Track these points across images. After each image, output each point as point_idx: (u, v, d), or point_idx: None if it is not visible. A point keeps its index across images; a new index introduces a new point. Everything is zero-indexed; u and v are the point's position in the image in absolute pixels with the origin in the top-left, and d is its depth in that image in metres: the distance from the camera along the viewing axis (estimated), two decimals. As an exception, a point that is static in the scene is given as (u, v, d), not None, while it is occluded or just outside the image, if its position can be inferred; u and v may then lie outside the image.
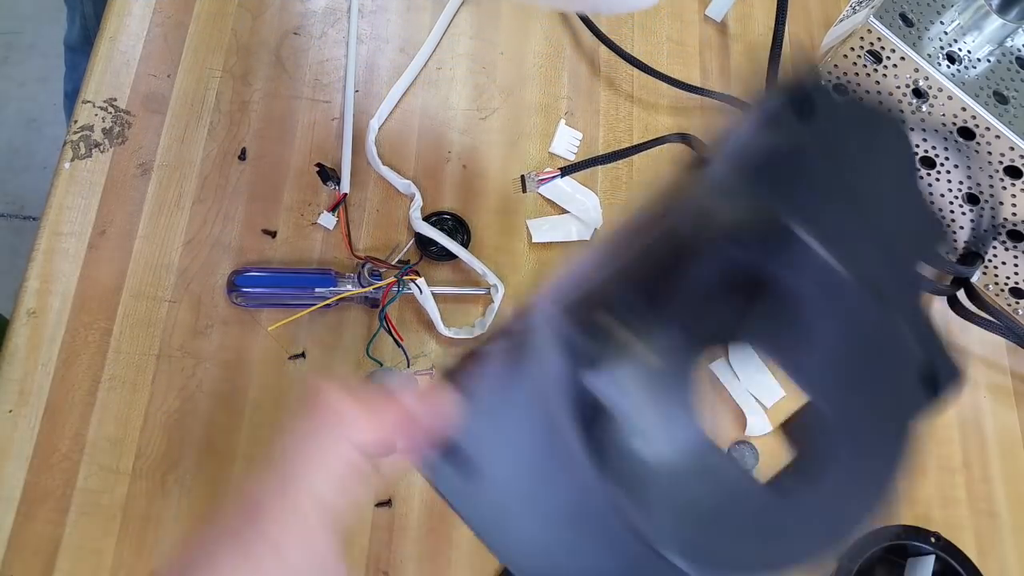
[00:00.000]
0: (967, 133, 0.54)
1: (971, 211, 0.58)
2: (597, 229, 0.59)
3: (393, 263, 0.55)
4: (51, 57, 1.48)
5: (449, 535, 0.50)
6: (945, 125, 0.55)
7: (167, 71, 0.60)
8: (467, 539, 0.50)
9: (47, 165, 1.40)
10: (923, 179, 0.60)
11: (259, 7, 0.63)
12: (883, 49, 0.54)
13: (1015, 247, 0.58)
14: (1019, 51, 0.56)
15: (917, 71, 0.54)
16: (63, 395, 0.50)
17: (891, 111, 0.47)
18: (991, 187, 0.56)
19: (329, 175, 0.57)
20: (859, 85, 0.58)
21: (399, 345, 0.53)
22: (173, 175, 0.57)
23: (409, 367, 0.53)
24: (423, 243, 0.56)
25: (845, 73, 0.58)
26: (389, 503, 0.50)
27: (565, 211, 0.60)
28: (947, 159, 0.57)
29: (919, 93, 0.55)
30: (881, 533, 0.51)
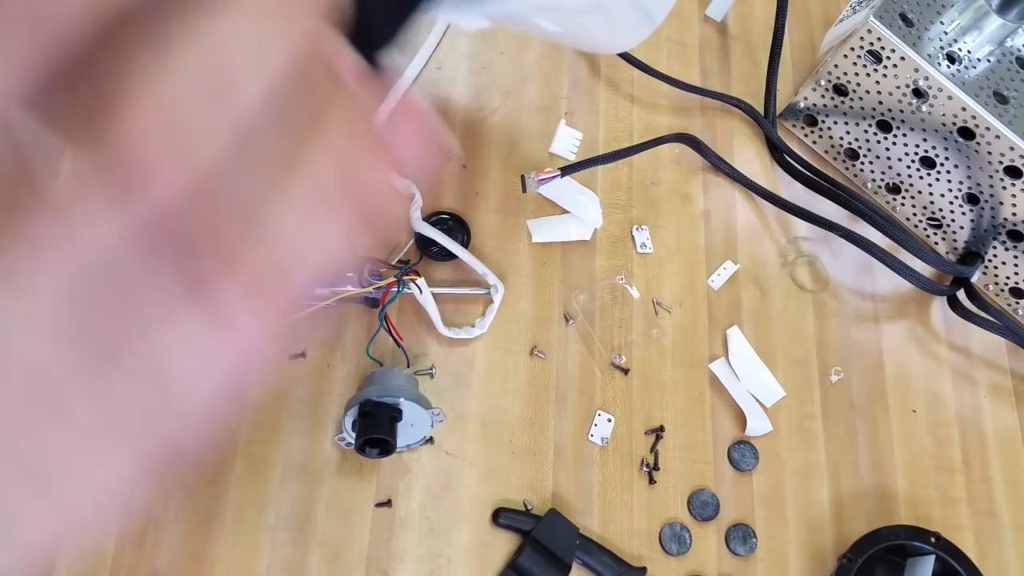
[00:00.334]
0: (967, 133, 0.54)
1: (971, 211, 0.59)
2: (597, 229, 0.59)
3: (393, 263, 0.55)
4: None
5: (449, 535, 0.50)
6: (945, 125, 0.55)
7: (167, 71, 0.60)
8: (467, 539, 0.50)
9: (47, 165, 1.40)
10: (923, 179, 0.60)
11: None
12: (883, 49, 0.54)
13: (1015, 247, 0.58)
14: (1019, 51, 0.56)
15: (917, 71, 0.54)
16: (63, 395, 0.50)
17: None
18: (991, 187, 0.56)
19: (329, 175, 0.57)
20: (859, 85, 0.58)
21: (399, 345, 0.53)
22: (173, 175, 0.57)
23: (409, 367, 0.53)
24: (423, 243, 0.56)
25: (845, 73, 0.58)
26: (389, 503, 0.50)
27: (565, 211, 0.60)
28: (947, 159, 0.57)
29: (919, 93, 0.55)
30: (881, 533, 0.51)
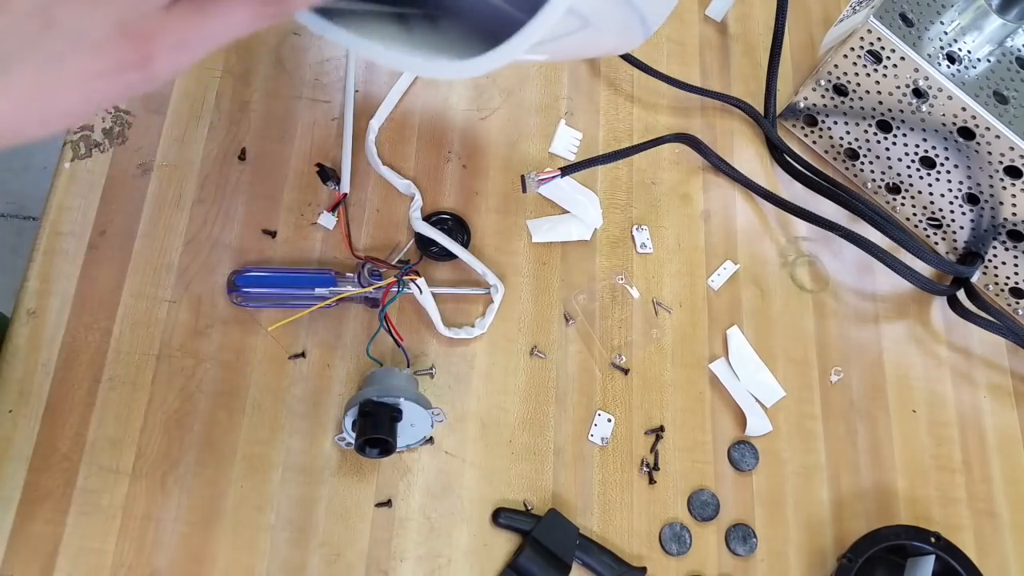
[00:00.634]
0: (967, 133, 0.54)
1: (971, 211, 0.59)
2: (597, 229, 0.59)
3: (393, 263, 0.55)
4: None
5: (449, 535, 0.50)
6: (945, 125, 0.55)
7: (167, 71, 0.60)
8: (467, 539, 0.50)
9: (47, 165, 1.40)
10: (923, 179, 0.60)
11: (259, 7, 0.63)
12: (883, 49, 0.54)
13: (1015, 247, 0.58)
14: (1019, 51, 0.56)
15: (917, 71, 0.54)
16: (63, 395, 0.50)
17: None
18: (991, 187, 0.56)
19: (329, 175, 0.57)
20: (859, 85, 0.58)
21: (399, 345, 0.53)
22: (173, 175, 0.57)
23: (409, 367, 0.53)
24: (423, 243, 0.56)
25: (845, 73, 0.58)
26: (389, 503, 0.50)
27: (565, 211, 0.60)
28: (947, 159, 0.57)
29: (919, 93, 0.55)
30: (881, 533, 0.51)
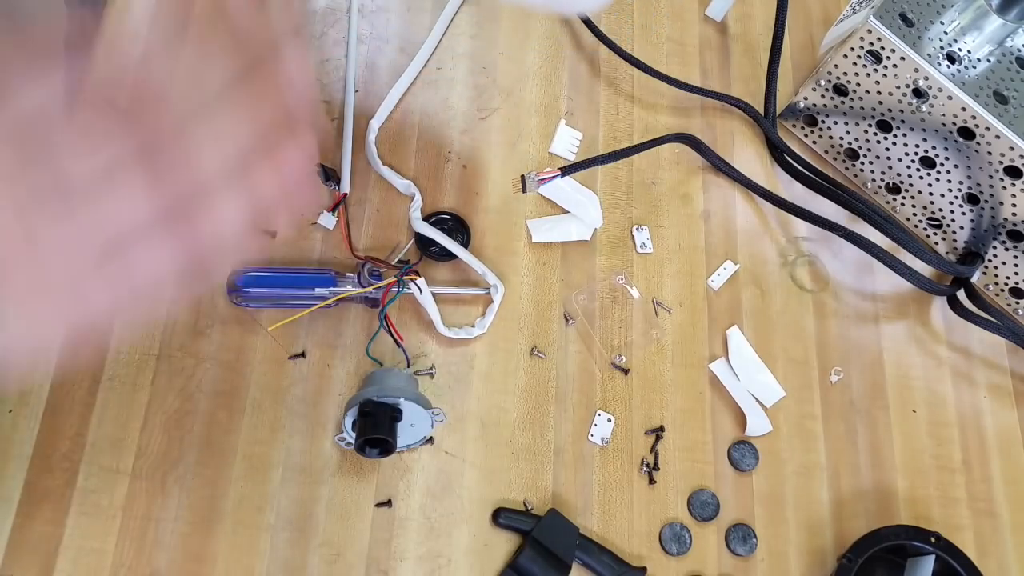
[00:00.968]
0: (967, 133, 0.54)
1: (971, 211, 0.59)
2: (597, 229, 0.59)
3: (393, 263, 0.55)
4: (51, 57, 1.48)
5: (449, 535, 0.50)
6: (945, 125, 0.55)
7: (167, 71, 0.60)
8: (467, 539, 0.50)
9: (47, 165, 1.39)
10: (923, 179, 0.60)
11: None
12: (883, 49, 0.54)
13: (1015, 247, 0.58)
14: (1019, 51, 0.56)
15: (917, 71, 0.54)
16: (63, 395, 0.50)
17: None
18: (991, 187, 0.56)
19: (329, 175, 0.57)
20: (859, 85, 0.58)
21: (399, 345, 0.53)
22: (173, 175, 0.56)
23: (409, 367, 0.53)
24: (423, 243, 0.56)
25: (845, 73, 0.58)
26: (389, 503, 0.50)
27: (565, 211, 0.60)
28: (947, 159, 0.57)
29: (919, 93, 0.55)
30: (881, 533, 0.51)
